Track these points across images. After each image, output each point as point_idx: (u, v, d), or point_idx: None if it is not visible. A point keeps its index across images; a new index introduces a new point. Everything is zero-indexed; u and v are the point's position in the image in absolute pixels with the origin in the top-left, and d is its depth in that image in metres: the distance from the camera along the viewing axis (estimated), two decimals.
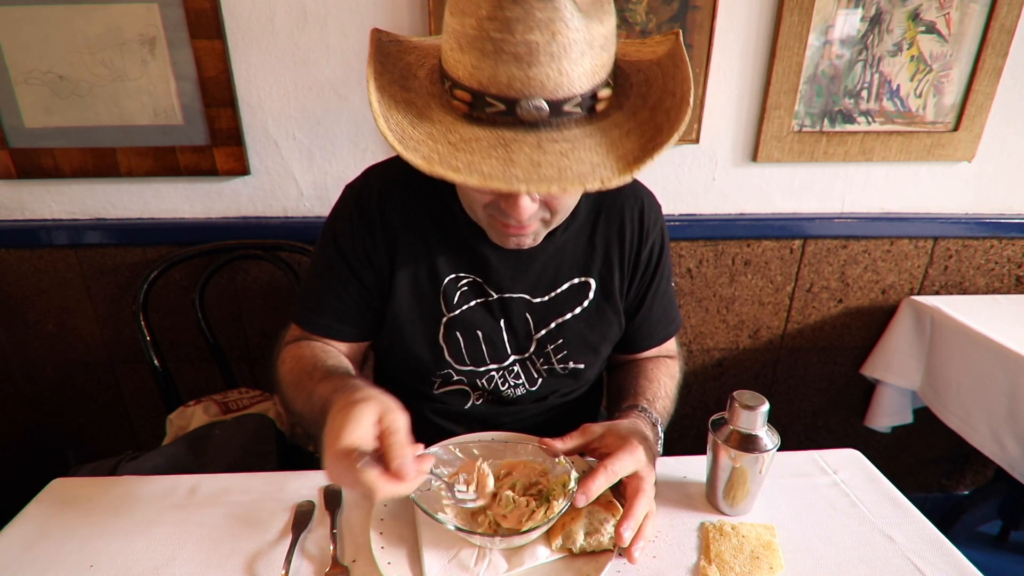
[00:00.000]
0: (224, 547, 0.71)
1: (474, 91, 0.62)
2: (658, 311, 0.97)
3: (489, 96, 0.62)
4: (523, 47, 0.58)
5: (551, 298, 0.89)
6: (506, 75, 0.60)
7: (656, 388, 0.91)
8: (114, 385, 1.58)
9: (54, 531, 0.73)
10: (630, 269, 0.92)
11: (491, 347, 0.90)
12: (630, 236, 0.91)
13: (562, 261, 0.89)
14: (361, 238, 0.86)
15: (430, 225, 0.87)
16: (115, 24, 1.21)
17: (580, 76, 0.61)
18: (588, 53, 0.61)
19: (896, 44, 1.32)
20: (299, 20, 1.25)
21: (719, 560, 0.69)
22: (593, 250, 0.90)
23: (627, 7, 1.26)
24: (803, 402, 1.75)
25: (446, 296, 0.87)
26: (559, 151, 0.61)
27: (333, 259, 0.88)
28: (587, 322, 0.91)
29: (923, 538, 0.73)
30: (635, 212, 0.91)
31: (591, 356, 0.93)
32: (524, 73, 0.59)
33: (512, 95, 0.61)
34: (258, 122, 1.33)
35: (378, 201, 0.86)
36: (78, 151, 1.31)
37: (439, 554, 0.67)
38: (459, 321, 0.88)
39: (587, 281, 0.90)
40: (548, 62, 0.59)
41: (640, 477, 0.69)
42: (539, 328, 0.90)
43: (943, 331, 1.43)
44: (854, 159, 1.43)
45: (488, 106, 0.62)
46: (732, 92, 1.36)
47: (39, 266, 1.43)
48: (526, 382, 0.93)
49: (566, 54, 0.59)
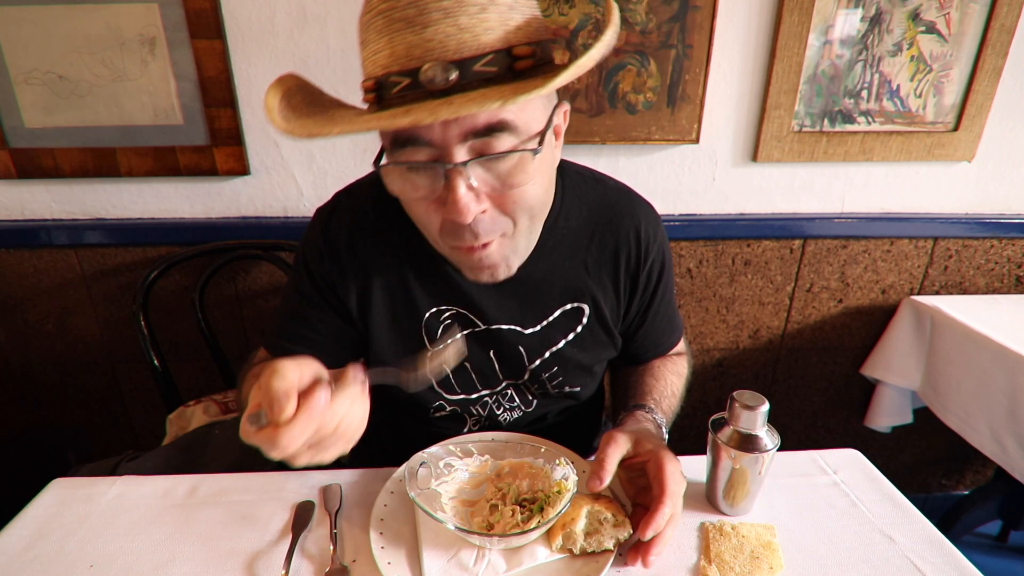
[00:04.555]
0: (224, 547, 0.71)
1: (377, 77, 0.59)
2: (661, 324, 0.94)
3: (392, 75, 0.57)
4: (412, 8, 0.55)
5: (543, 327, 0.84)
6: (403, 45, 0.56)
7: (663, 387, 0.89)
8: (114, 385, 1.58)
9: (54, 531, 0.73)
10: (627, 292, 0.88)
11: (481, 376, 0.86)
12: (626, 258, 0.85)
13: (551, 287, 0.83)
14: (328, 272, 0.81)
15: (404, 255, 0.80)
16: (115, 24, 1.21)
17: (487, 32, 0.56)
18: (491, 8, 0.56)
19: (896, 44, 1.32)
20: (299, 20, 1.25)
21: (719, 560, 0.69)
22: (586, 274, 0.84)
23: (627, 7, 1.26)
24: (803, 402, 1.75)
25: (428, 330, 0.83)
26: (467, 99, 0.54)
27: (305, 285, 0.84)
28: (581, 347, 0.87)
29: (923, 538, 0.73)
30: (631, 232, 0.85)
31: (587, 378, 0.91)
32: (419, 37, 0.55)
33: (412, 64, 0.56)
34: (258, 122, 1.33)
35: (347, 234, 0.81)
36: (78, 151, 1.31)
37: (438, 554, 0.67)
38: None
39: (580, 307, 0.85)
40: (442, 19, 0.55)
41: (673, 478, 0.67)
42: (532, 359, 0.86)
43: (943, 331, 1.43)
44: (854, 159, 1.43)
45: (393, 86, 0.58)
46: (732, 92, 1.36)
47: (39, 266, 1.43)
48: (521, 404, 0.90)
49: (462, 8, 0.55)
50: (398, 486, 0.77)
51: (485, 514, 0.70)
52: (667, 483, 0.66)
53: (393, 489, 0.77)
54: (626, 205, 0.86)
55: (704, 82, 1.33)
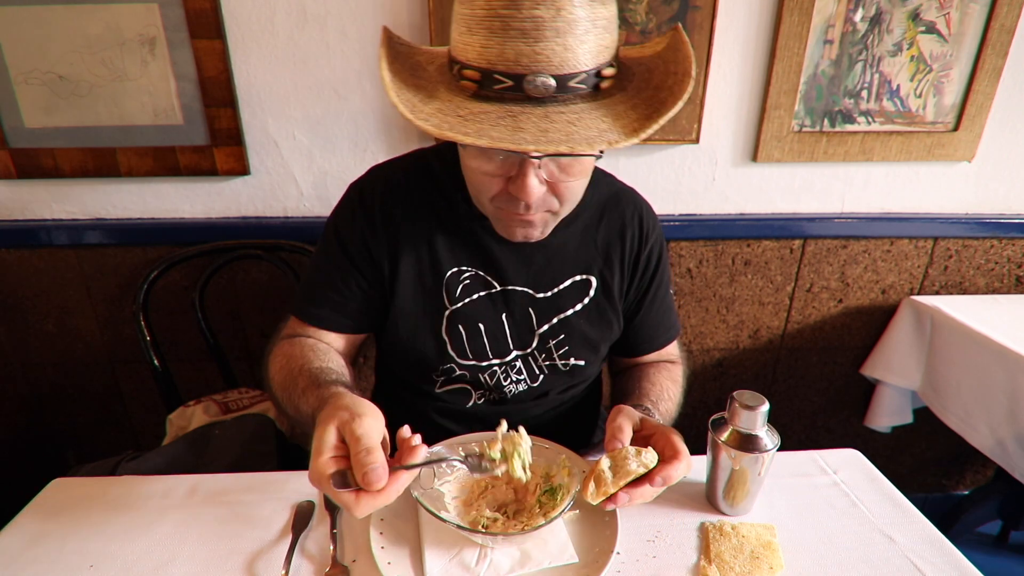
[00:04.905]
0: (224, 547, 0.71)
1: (482, 69, 0.65)
2: (657, 316, 0.98)
3: (497, 73, 0.64)
4: (529, 22, 0.61)
5: (553, 294, 0.90)
6: (513, 51, 0.62)
7: (659, 391, 0.91)
8: (114, 385, 1.58)
9: (54, 531, 0.73)
10: (629, 270, 0.94)
11: (493, 340, 0.91)
12: (630, 238, 0.93)
13: (564, 258, 0.90)
14: (362, 232, 0.87)
15: (432, 219, 0.87)
16: (115, 24, 1.21)
17: (585, 53, 0.64)
18: (592, 31, 0.64)
19: (896, 44, 1.32)
20: (299, 20, 1.25)
21: (719, 560, 0.69)
22: (595, 249, 0.92)
23: (627, 7, 1.26)
24: (803, 402, 1.75)
25: (448, 289, 0.88)
26: (566, 120, 0.64)
27: (335, 253, 0.89)
28: (587, 319, 0.92)
29: (923, 538, 0.73)
30: (635, 216, 0.94)
31: (591, 353, 0.94)
32: (531, 48, 0.62)
33: (519, 71, 0.63)
34: (258, 122, 1.33)
35: (381, 196, 0.88)
36: (78, 151, 1.31)
37: (441, 553, 0.67)
38: (462, 314, 0.89)
39: (588, 279, 0.91)
40: (553, 37, 0.62)
41: (684, 446, 0.71)
42: (541, 323, 0.91)
43: (943, 331, 1.43)
44: (854, 159, 1.43)
45: (496, 83, 0.65)
46: (732, 92, 1.36)
47: (39, 266, 1.43)
48: (528, 378, 0.94)
49: (571, 30, 0.62)
50: None
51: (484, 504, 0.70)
52: (679, 446, 0.69)
53: None
54: (631, 194, 0.97)
55: (704, 82, 1.33)
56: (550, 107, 0.65)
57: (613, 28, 0.67)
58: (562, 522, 0.71)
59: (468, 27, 0.65)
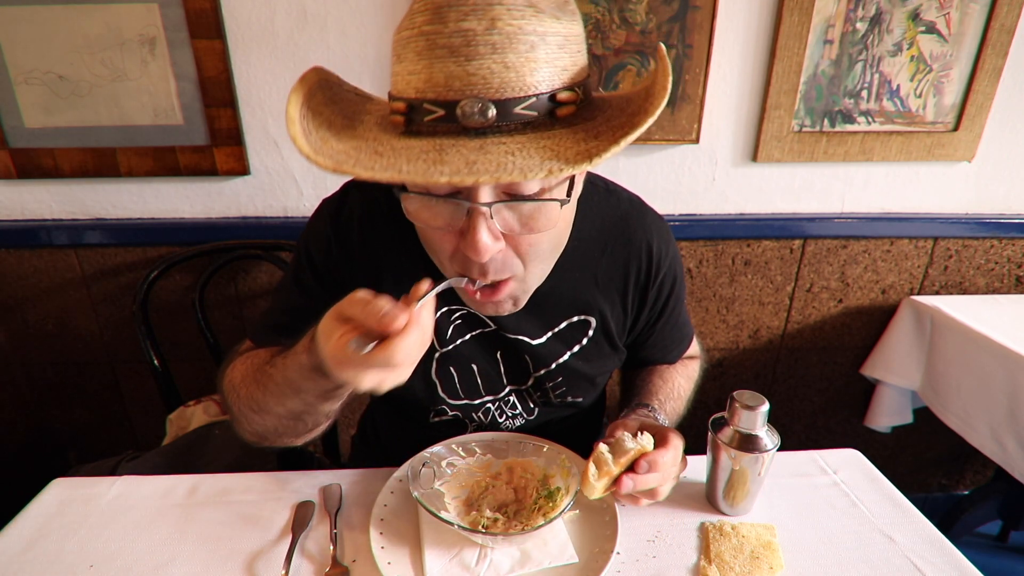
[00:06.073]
0: (224, 547, 0.71)
1: (410, 100, 0.55)
2: (669, 335, 0.94)
3: (427, 102, 0.54)
4: (458, 37, 0.51)
5: (549, 339, 0.84)
6: (443, 73, 0.52)
7: (669, 389, 0.90)
8: (114, 385, 1.58)
9: (54, 531, 0.73)
10: (635, 306, 0.86)
11: (486, 380, 0.86)
12: (636, 273, 0.84)
13: (561, 298, 0.82)
14: (337, 264, 0.79)
15: (418, 250, 0.75)
16: (115, 24, 1.21)
17: (532, 72, 0.53)
18: (540, 48, 0.53)
19: (896, 44, 1.32)
20: (299, 20, 1.25)
21: (719, 560, 0.69)
22: (596, 287, 0.83)
23: (627, 7, 1.26)
24: (803, 402, 1.75)
25: (439, 331, 0.81)
26: (504, 150, 0.52)
27: (305, 278, 0.81)
28: (585, 359, 0.86)
29: (923, 538, 0.73)
30: (643, 246, 0.83)
31: (589, 389, 0.91)
32: (462, 68, 0.51)
33: (451, 96, 0.52)
34: (258, 122, 1.33)
35: (359, 227, 0.78)
36: (78, 151, 1.31)
37: (441, 553, 0.67)
38: (453, 356, 0.83)
39: (587, 319, 0.84)
40: (489, 54, 0.51)
41: (675, 441, 0.71)
42: (538, 368, 0.86)
43: (943, 331, 1.43)
44: (854, 159, 1.42)
45: (426, 113, 0.54)
46: (732, 92, 1.36)
47: (39, 266, 1.43)
48: (523, 412, 0.90)
49: (511, 45, 0.51)
50: (398, 486, 0.77)
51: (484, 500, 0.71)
52: (671, 439, 0.70)
53: (393, 489, 0.77)
54: (638, 219, 0.84)
55: (704, 82, 1.33)
56: (490, 138, 0.53)
57: (575, 50, 0.56)
58: (562, 522, 0.71)
59: (397, 55, 0.56)
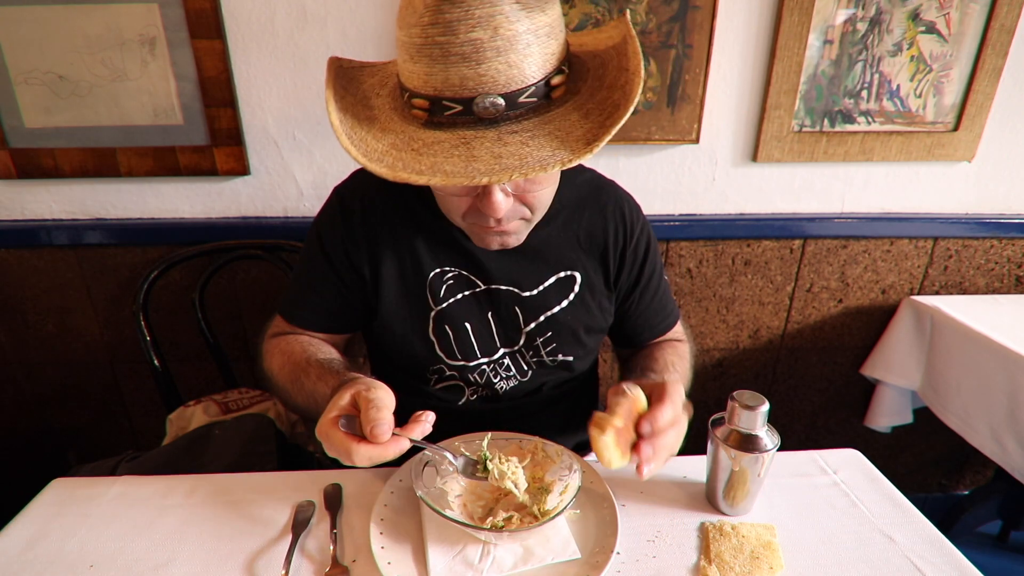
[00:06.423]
0: (224, 547, 0.71)
1: (430, 97, 0.66)
2: (654, 305, 0.99)
3: (445, 99, 0.65)
4: (468, 46, 0.61)
5: (539, 292, 0.91)
6: (458, 76, 0.63)
7: (663, 364, 0.93)
8: (114, 385, 1.58)
9: (54, 531, 0.73)
10: (616, 264, 0.94)
11: (480, 340, 0.91)
12: (613, 232, 0.92)
13: (547, 256, 0.90)
14: (342, 238, 0.88)
15: (413, 223, 0.88)
16: (115, 24, 1.21)
17: (531, 66, 0.64)
18: (534, 43, 0.63)
19: (896, 44, 1.32)
20: (299, 20, 1.25)
21: (719, 560, 0.69)
22: (577, 245, 0.92)
23: (627, 7, 1.26)
24: (803, 402, 1.75)
25: (433, 290, 0.89)
26: (519, 141, 0.64)
27: (316, 258, 0.91)
28: (574, 315, 0.93)
29: (923, 538, 0.73)
30: (617, 210, 0.93)
31: (579, 348, 0.95)
32: (475, 71, 0.62)
33: (467, 94, 0.63)
34: (258, 122, 1.33)
35: (360, 202, 0.89)
36: (78, 151, 1.31)
37: (444, 550, 0.68)
38: (447, 314, 0.90)
39: (572, 275, 0.92)
40: (495, 57, 0.62)
41: (675, 389, 0.72)
42: (528, 321, 0.92)
43: (943, 331, 1.43)
44: (854, 159, 1.42)
45: (446, 109, 0.65)
46: (732, 92, 1.36)
47: (39, 266, 1.43)
48: (517, 374, 0.95)
49: (512, 47, 0.62)
50: (398, 486, 0.77)
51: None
52: (669, 390, 0.70)
53: (393, 489, 0.77)
54: (611, 188, 0.96)
55: (704, 82, 1.33)
56: (503, 127, 0.65)
57: (557, 32, 0.67)
58: (564, 519, 0.71)
59: (410, 55, 0.65)
